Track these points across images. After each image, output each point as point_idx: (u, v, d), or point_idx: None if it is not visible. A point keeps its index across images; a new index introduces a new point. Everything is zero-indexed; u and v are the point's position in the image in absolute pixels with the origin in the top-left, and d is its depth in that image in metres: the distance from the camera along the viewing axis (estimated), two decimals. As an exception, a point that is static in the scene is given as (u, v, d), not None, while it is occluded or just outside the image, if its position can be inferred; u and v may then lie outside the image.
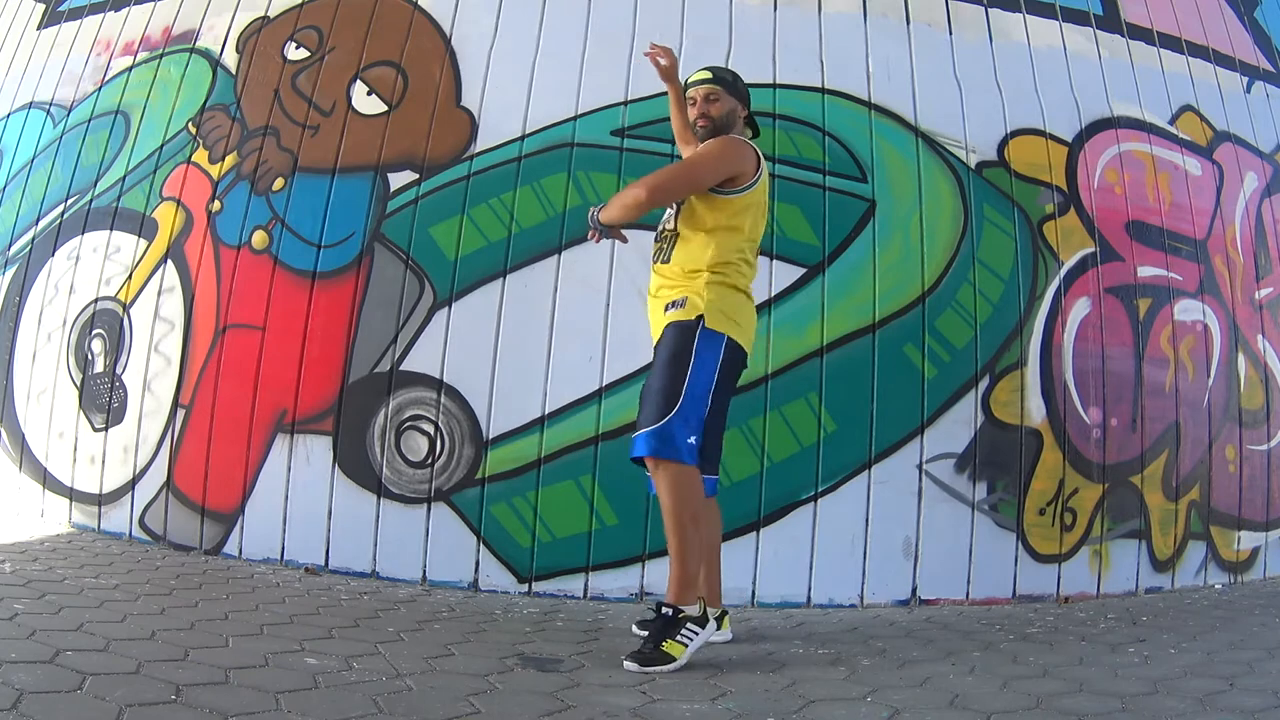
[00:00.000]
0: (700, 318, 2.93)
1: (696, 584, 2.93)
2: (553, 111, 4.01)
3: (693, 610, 2.86)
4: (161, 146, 4.35)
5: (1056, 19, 4.50)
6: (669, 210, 3.13)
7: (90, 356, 4.26)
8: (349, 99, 4.15)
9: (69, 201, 4.49)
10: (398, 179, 4.01)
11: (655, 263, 3.11)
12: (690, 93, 3.20)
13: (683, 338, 2.93)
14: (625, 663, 2.74)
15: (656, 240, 3.14)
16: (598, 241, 3.17)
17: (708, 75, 3.20)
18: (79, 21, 4.88)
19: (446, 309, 3.89)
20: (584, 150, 3.95)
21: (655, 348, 3.02)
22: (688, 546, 2.86)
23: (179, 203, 4.23)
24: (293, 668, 2.50)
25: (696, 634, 2.84)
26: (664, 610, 2.84)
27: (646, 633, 2.94)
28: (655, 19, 4.13)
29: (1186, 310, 4.38)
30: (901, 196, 4.02)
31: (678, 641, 2.79)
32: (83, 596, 3.03)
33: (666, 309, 3.00)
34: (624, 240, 3.21)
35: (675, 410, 2.87)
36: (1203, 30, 4.83)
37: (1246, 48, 4.99)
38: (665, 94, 3.92)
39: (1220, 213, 4.59)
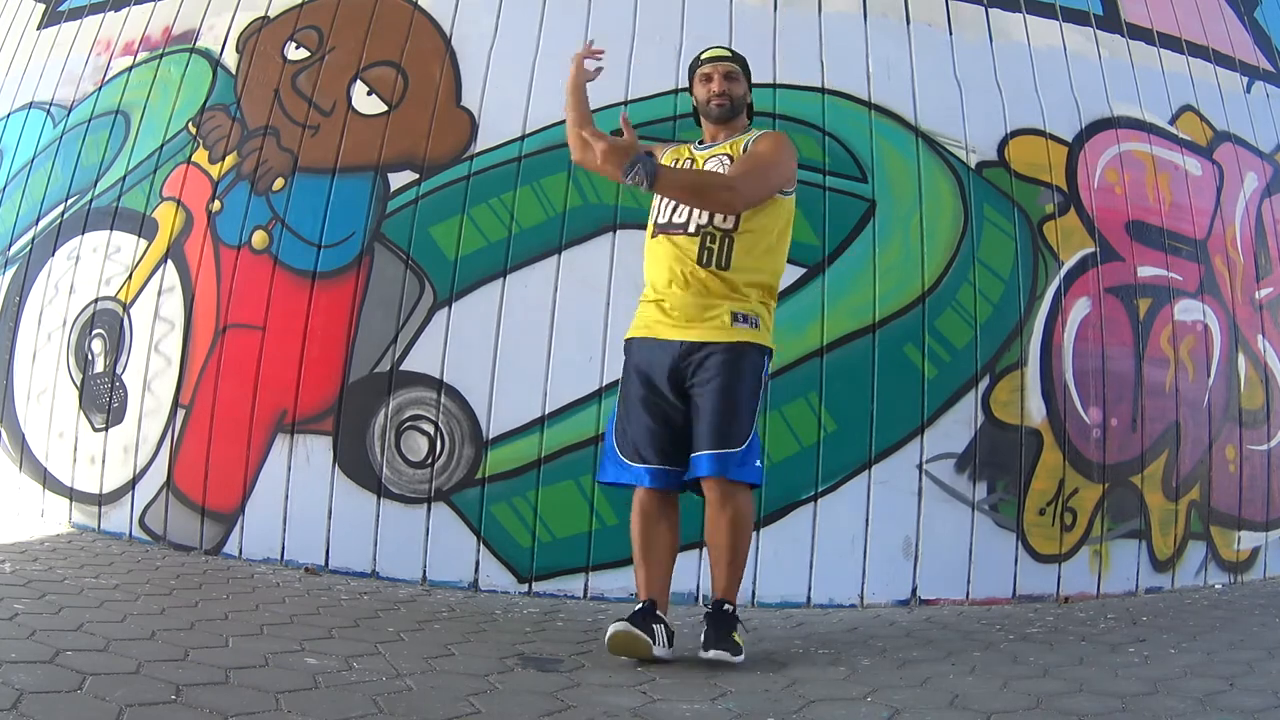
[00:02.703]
0: (769, 348, 3.00)
1: None
2: (553, 111, 3.99)
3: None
4: (161, 146, 4.34)
5: (1056, 19, 4.50)
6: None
7: (90, 356, 4.26)
8: (349, 99, 4.15)
9: (69, 201, 4.49)
10: (398, 179, 4.01)
11: (701, 264, 2.90)
12: (705, 68, 3.10)
13: (758, 368, 2.96)
14: (714, 653, 2.79)
15: (691, 234, 2.92)
16: (627, 181, 2.80)
17: (727, 53, 3.12)
18: (79, 21, 4.88)
19: (446, 309, 3.89)
20: (584, 150, 3.95)
21: (711, 357, 2.88)
22: (746, 555, 2.98)
23: (179, 203, 4.23)
24: (293, 668, 2.49)
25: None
26: (726, 606, 2.90)
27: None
28: (655, 19, 4.13)
29: (1186, 310, 4.38)
30: (901, 196, 4.02)
31: (739, 634, 2.87)
32: (83, 596, 3.02)
33: (735, 319, 2.90)
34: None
35: (752, 437, 2.91)
36: (1203, 30, 4.83)
37: (1246, 48, 4.99)
38: (666, 94, 3.95)
39: (1220, 213, 4.59)
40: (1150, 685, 2.68)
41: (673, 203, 2.99)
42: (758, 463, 2.95)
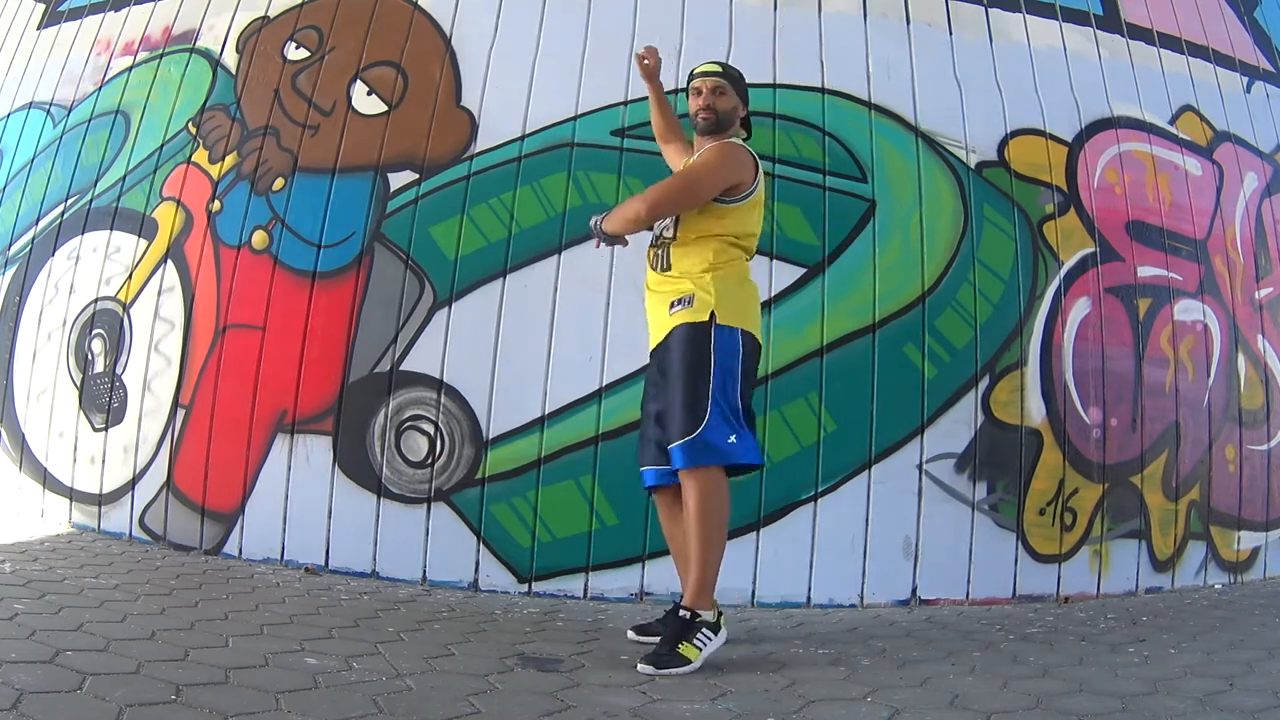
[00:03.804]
0: (712, 315, 2.90)
1: (714, 589, 2.92)
2: (553, 111, 4.01)
3: (709, 616, 2.86)
4: (161, 146, 4.34)
5: (1056, 19, 4.50)
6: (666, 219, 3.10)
7: (90, 356, 4.26)
8: (349, 99, 4.15)
9: (69, 201, 4.49)
10: (398, 179, 4.01)
11: (654, 270, 3.08)
12: (695, 83, 3.15)
13: (697, 342, 2.90)
14: (640, 665, 2.73)
15: (653, 246, 3.11)
16: (598, 248, 3.26)
17: (716, 68, 3.17)
18: (79, 21, 4.88)
19: (446, 309, 3.89)
20: (584, 150, 3.95)
21: (664, 351, 2.98)
22: (712, 553, 2.88)
23: (179, 203, 4.23)
24: (293, 668, 2.50)
25: (710, 639, 2.83)
26: (681, 613, 2.84)
27: (644, 639, 2.99)
28: (655, 19, 4.13)
29: (1186, 310, 4.38)
30: (901, 196, 4.02)
31: (693, 645, 2.78)
32: (83, 596, 3.03)
33: (672, 307, 2.97)
34: (625, 244, 3.22)
35: (707, 418, 2.85)
36: (1203, 30, 4.83)
37: (1246, 48, 4.99)
38: (666, 93, 3.94)
39: (1220, 213, 4.59)
40: (1150, 685, 2.68)
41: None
42: (731, 438, 2.86)
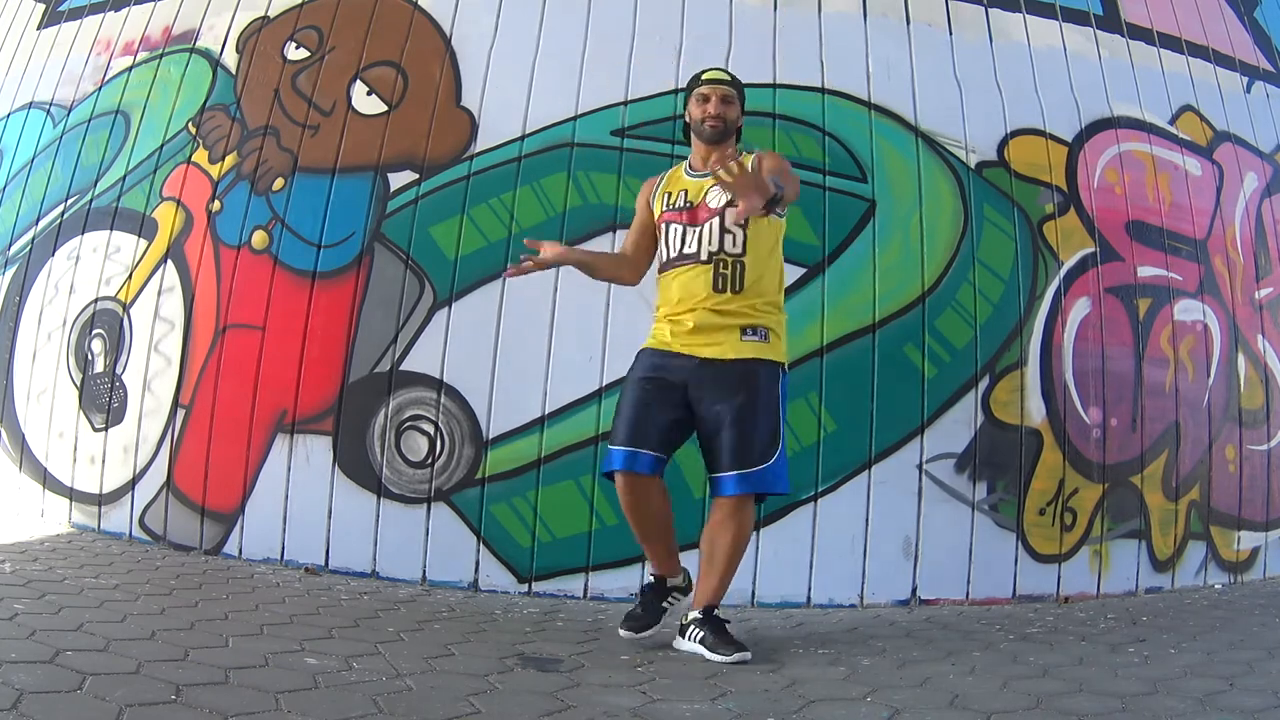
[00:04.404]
0: (784, 362, 3.06)
1: None
2: (553, 111, 4.01)
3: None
4: (161, 146, 4.35)
5: (1056, 19, 4.50)
6: (714, 233, 3.00)
7: (90, 356, 4.26)
8: (349, 99, 4.15)
9: (69, 201, 4.49)
10: (398, 179, 4.01)
11: (721, 290, 2.97)
12: (703, 89, 3.13)
13: (775, 380, 3.02)
14: (728, 656, 2.85)
15: (705, 264, 2.99)
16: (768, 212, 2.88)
17: (726, 77, 3.18)
18: (79, 21, 4.88)
19: (446, 309, 3.89)
20: (584, 150, 3.95)
21: (728, 372, 2.95)
22: (736, 566, 3.05)
23: (179, 203, 4.23)
24: (293, 668, 2.50)
25: None
26: (715, 613, 3.00)
27: (635, 634, 3.06)
28: (655, 19, 4.13)
29: (1186, 310, 4.38)
30: (901, 196, 4.02)
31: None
32: (83, 596, 3.03)
33: (744, 333, 2.98)
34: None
35: (777, 456, 2.98)
36: (1203, 30, 4.83)
37: (1246, 48, 4.99)
38: (665, 93, 3.95)
39: (1220, 213, 4.59)
40: (1150, 685, 2.68)
41: (681, 238, 3.06)
42: (785, 473, 3.04)
